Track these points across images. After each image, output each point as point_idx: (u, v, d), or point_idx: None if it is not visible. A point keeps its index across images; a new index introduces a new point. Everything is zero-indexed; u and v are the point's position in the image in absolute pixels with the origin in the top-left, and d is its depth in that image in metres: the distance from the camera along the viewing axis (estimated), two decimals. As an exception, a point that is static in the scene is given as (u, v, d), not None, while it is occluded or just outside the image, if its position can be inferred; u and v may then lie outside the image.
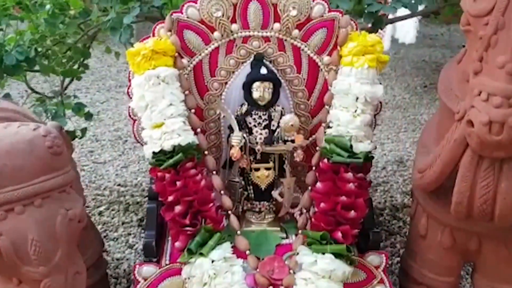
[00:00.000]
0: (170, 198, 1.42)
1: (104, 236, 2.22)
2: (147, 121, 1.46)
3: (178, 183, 1.42)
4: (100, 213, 2.40)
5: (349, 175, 1.44)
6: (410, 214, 1.64)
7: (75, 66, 2.16)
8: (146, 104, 1.46)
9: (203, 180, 1.45)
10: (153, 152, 1.45)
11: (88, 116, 2.15)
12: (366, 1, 1.68)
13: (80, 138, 2.20)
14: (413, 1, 1.68)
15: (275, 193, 1.60)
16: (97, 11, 1.91)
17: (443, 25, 5.54)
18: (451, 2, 1.97)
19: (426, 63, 4.48)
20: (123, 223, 2.34)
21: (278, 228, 1.63)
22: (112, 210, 2.43)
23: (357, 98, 1.46)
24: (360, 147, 1.46)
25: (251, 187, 1.60)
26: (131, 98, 1.51)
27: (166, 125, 1.45)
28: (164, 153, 1.44)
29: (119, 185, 2.64)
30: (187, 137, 1.46)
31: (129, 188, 2.62)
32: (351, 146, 1.46)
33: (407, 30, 4.47)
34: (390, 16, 2.08)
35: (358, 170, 1.45)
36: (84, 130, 2.20)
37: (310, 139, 1.64)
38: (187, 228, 1.41)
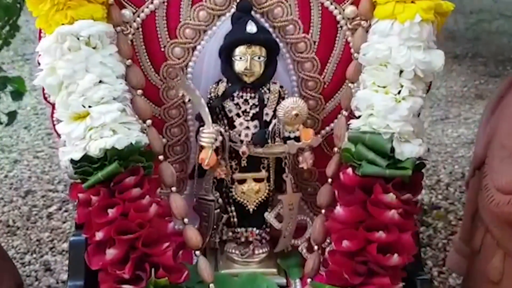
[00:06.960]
0: (100, 235, 0.89)
1: (51, 248, 1.88)
2: (63, 110, 0.92)
3: (111, 210, 0.89)
4: (49, 216, 2.03)
5: (390, 196, 0.91)
6: (475, 247, 1.13)
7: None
8: (59, 82, 0.91)
9: (154, 205, 0.91)
10: (72, 160, 0.92)
11: (16, 96, 1.61)
12: None
13: (7, 125, 1.67)
14: None
15: (269, 216, 1.08)
16: None
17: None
18: None
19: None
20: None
21: (275, 270, 1.11)
22: (65, 211, 2.05)
23: (401, 72, 0.94)
24: (407, 151, 0.94)
25: (233, 207, 1.08)
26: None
27: (92, 115, 0.91)
28: (90, 161, 0.91)
29: (75, 177, 2.28)
30: (128, 135, 0.93)
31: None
32: (393, 149, 0.94)
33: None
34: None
35: (404, 188, 0.94)
36: (12, 115, 1.66)
37: (323, 132, 1.12)
38: (125, 287, 0.88)
